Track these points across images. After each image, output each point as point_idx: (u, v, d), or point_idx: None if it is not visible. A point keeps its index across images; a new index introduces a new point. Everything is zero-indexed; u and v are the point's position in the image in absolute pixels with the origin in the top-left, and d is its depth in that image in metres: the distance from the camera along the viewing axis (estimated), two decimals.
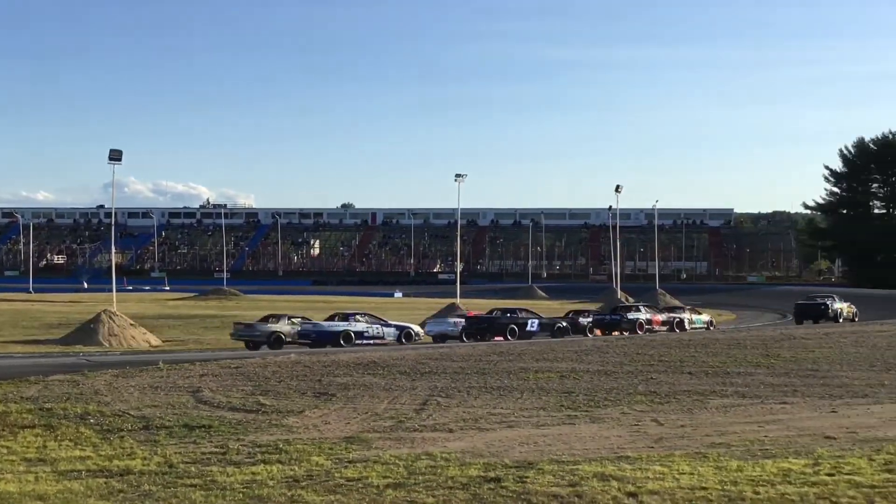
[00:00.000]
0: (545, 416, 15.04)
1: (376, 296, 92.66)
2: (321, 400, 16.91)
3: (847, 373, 20.61)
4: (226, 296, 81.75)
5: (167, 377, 20.23)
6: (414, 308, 63.39)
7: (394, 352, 28.09)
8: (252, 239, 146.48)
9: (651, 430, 13.64)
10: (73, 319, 43.51)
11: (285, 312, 38.93)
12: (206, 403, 16.45)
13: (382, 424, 14.32)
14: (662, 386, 18.54)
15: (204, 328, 43.43)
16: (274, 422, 14.58)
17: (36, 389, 18.08)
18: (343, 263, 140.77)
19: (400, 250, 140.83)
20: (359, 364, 22.91)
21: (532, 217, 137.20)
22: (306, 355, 26.36)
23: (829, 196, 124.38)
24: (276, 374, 20.90)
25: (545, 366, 22.37)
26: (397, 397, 17.25)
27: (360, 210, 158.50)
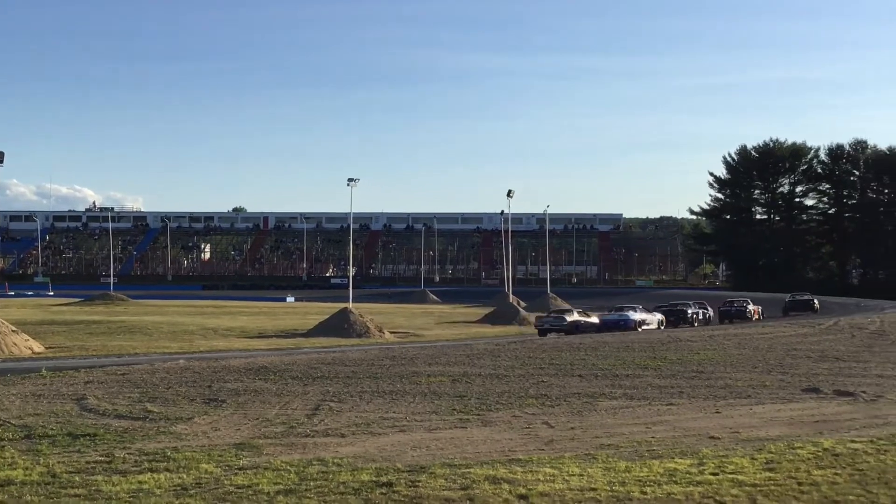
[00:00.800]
0: (437, 420, 15.06)
1: (268, 300, 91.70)
2: (211, 406, 16.64)
3: (730, 374, 21.17)
4: (113, 301, 79.80)
5: (50, 385, 19.66)
6: (306, 313, 62.92)
7: (285, 356, 27.81)
8: (140, 243, 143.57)
9: (542, 433, 13.78)
10: None
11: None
12: (91, 411, 16.03)
13: (273, 430, 14.16)
14: (553, 389, 18.76)
15: (89, 334, 42.25)
16: (162, 429, 14.29)
17: None
18: (234, 268, 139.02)
19: (292, 255, 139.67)
20: (249, 369, 22.62)
21: (425, 221, 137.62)
22: (196, 361, 25.91)
23: (714, 202, 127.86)
24: (164, 380, 20.49)
25: (438, 370, 22.42)
26: (289, 402, 17.08)
27: (251, 214, 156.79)
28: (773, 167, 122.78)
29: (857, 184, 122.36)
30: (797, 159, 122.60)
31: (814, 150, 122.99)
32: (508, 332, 47.92)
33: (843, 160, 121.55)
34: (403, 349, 31.25)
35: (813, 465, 11.24)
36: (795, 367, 22.63)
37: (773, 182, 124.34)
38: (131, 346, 35.71)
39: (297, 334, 44.03)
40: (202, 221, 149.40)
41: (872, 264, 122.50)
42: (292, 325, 49.46)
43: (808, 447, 12.31)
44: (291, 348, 34.48)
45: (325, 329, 43.96)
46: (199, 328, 46.51)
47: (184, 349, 33.98)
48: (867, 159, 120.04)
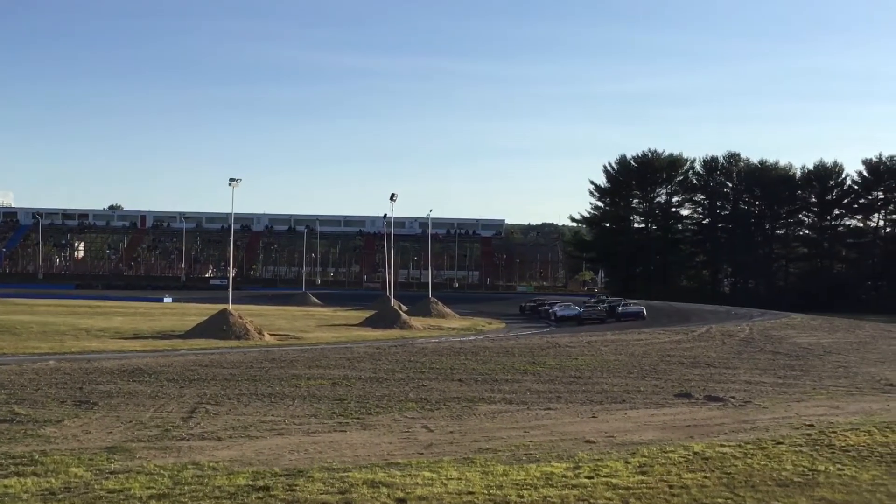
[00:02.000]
0: (316, 424, 14.96)
1: (145, 301, 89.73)
2: (82, 408, 16.20)
3: (607, 379, 21.58)
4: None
5: None
6: (184, 314, 61.74)
7: (161, 358, 27.25)
8: (10, 239, 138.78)
9: (421, 437, 13.81)
10: None
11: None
12: None
13: (147, 433, 13.85)
14: (433, 393, 18.82)
15: None
16: (29, 432, 13.85)
17: None
18: (110, 267, 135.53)
19: (171, 254, 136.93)
20: (123, 371, 22.10)
21: (307, 224, 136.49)
22: (67, 362, 25.19)
23: (594, 210, 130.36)
24: (33, 381, 19.86)
25: (317, 373, 22.28)
26: (164, 405, 16.74)
27: (129, 212, 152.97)
28: (651, 177, 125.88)
29: (730, 195, 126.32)
30: (674, 170, 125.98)
31: (690, 161, 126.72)
32: (389, 336, 47.89)
33: (718, 172, 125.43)
34: (283, 352, 30.95)
35: (684, 469, 11.54)
36: (669, 372, 23.20)
37: (651, 192, 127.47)
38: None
39: (174, 336, 43.15)
40: (76, 219, 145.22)
41: (743, 273, 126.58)
42: (169, 327, 48.46)
43: (679, 451, 12.62)
44: (168, 350, 33.80)
45: (203, 331, 43.19)
46: (70, 328, 45.17)
47: (54, 350, 32.97)
48: (740, 171, 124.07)
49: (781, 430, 14.59)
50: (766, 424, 15.14)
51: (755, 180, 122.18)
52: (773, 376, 22.66)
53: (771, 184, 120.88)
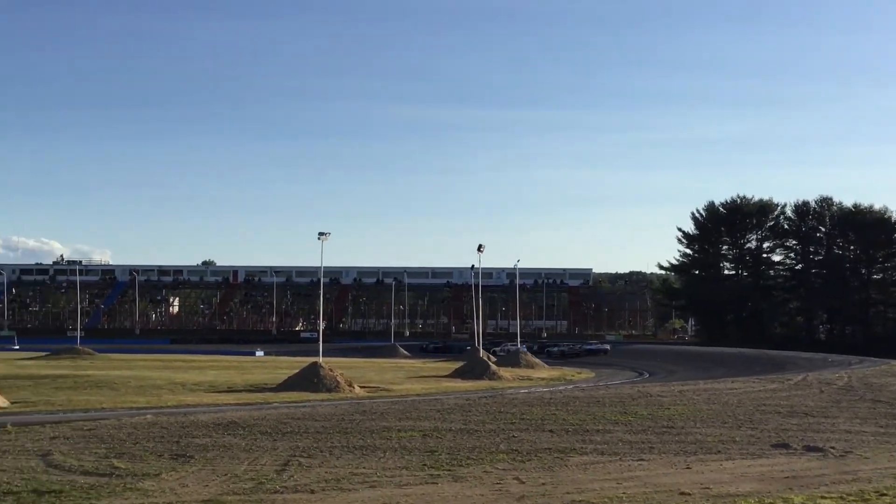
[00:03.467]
0: (408, 476, 14.99)
1: (237, 354, 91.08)
2: (178, 462, 16.48)
3: (701, 429, 21.22)
4: (79, 355, 78.90)
5: (15, 440, 19.41)
6: (275, 367, 62.49)
7: (255, 411, 27.60)
8: (108, 296, 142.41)
9: (513, 489, 13.74)
10: None
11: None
12: (56, 467, 15.83)
13: (242, 486, 14.03)
14: (524, 444, 18.72)
15: (56, 388, 41.69)
16: (129, 485, 14.13)
17: None
18: (203, 321, 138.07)
19: (262, 308, 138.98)
20: (218, 424, 22.43)
21: (395, 276, 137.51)
22: (164, 416, 25.67)
23: (683, 257, 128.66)
24: (131, 435, 20.28)
25: (408, 425, 22.33)
26: (258, 458, 16.94)
27: (221, 267, 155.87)
28: (740, 223, 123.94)
29: (823, 240, 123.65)
30: (764, 215, 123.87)
31: (780, 206, 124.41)
32: (479, 386, 47.79)
33: (810, 216, 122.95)
34: (373, 404, 31.09)
35: None
36: (765, 422, 22.71)
37: (741, 238, 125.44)
38: (98, 400, 35.25)
39: (266, 389, 43.68)
40: (171, 275, 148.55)
41: (839, 320, 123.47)
42: (262, 380, 49.06)
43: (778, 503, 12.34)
44: (261, 403, 34.20)
45: (294, 383, 43.62)
46: (167, 382, 46.03)
47: (151, 404, 33.62)
48: (833, 215, 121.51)
49: (885, 481, 14.17)
50: (868, 475, 14.72)
51: (849, 224, 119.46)
52: (874, 425, 22.04)
53: (866, 227, 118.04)
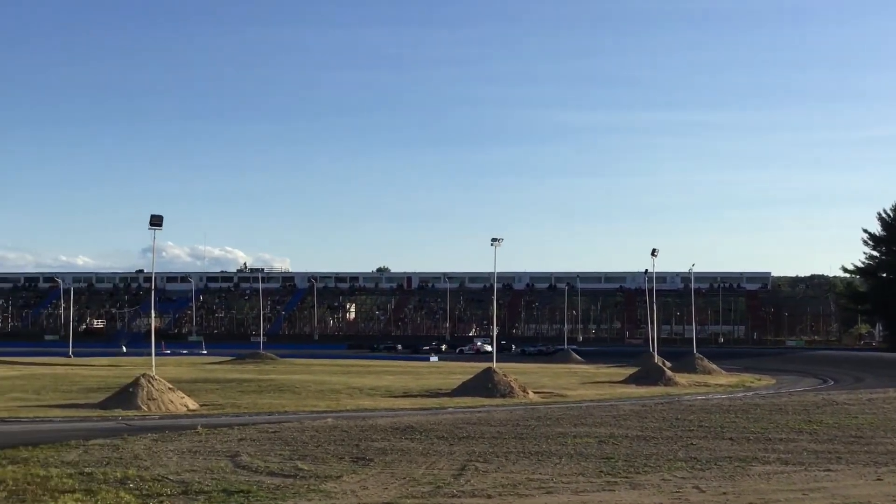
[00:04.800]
0: (584, 482, 14.89)
1: (412, 359, 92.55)
2: (359, 465, 16.87)
3: (892, 439, 20.30)
4: (262, 360, 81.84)
5: (205, 442, 20.28)
6: (450, 372, 63.21)
7: (431, 416, 27.99)
8: (288, 303, 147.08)
9: (692, 498, 13.47)
10: (112, 383, 43.69)
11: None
12: (244, 468, 16.45)
13: (420, 490, 14.24)
14: (703, 452, 18.33)
15: (241, 392, 43.37)
16: (312, 487, 14.54)
17: (76, 454, 18.18)
18: (379, 327, 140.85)
19: (435, 314, 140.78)
20: (396, 428, 22.86)
21: (567, 281, 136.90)
22: (343, 419, 26.33)
23: (868, 259, 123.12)
24: (313, 438, 20.89)
25: (583, 430, 22.20)
26: (435, 462, 17.17)
27: (395, 274, 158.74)
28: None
29: None
30: None
31: None
32: (654, 392, 47.07)
33: None
34: (548, 409, 31.06)
35: None
36: None
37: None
38: (281, 404, 36.47)
39: (441, 394, 44.24)
40: (347, 281, 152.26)
41: None
42: (436, 385, 49.72)
43: None
44: (436, 408, 34.64)
45: (469, 389, 44.04)
46: (345, 387, 47.24)
47: (331, 408, 34.54)
48: None
49: None
50: None
51: None
52: None
53: None
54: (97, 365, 73.77)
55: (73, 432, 23.01)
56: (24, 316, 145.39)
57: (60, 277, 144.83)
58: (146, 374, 36.42)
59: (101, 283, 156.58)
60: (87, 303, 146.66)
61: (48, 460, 17.18)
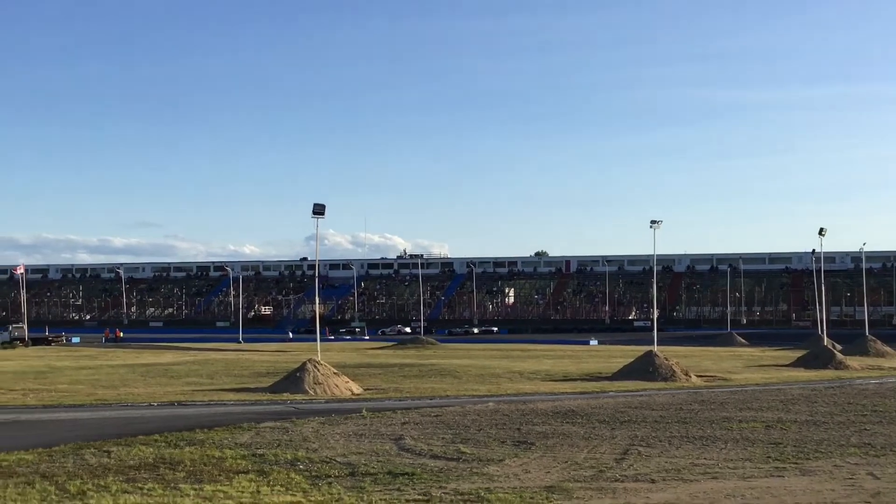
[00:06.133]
0: (751, 468, 14.57)
1: (572, 343, 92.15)
2: (520, 448, 16.95)
3: None
4: (423, 345, 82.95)
5: (370, 425, 20.73)
6: (610, 356, 62.65)
7: (591, 400, 27.86)
8: (447, 288, 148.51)
9: (867, 485, 13.01)
10: (280, 368, 45.09)
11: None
12: (408, 451, 16.75)
13: (583, 474, 14.21)
14: (878, 437, 17.67)
15: (403, 377, 44.07)
16: (474, 470, 14.69)
17: (249, 436, 18.88)
18: (537, 311, 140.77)
19: (594, 298, 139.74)
20: (557, 412, 22.86)
21: (730, 262, 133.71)
22: (504, 403, 26.47)
23: None
24: (475, 422, 21.09)
25: (749, 415, 21.71)
26: (597, 446, 17.09)
27: (554, 258, 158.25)
28: None
29: None
30: None
31: None
32: (823, 376, 45.51)
33: None
34: (712, 394, 30.46)
35: None
36: None
37: None
38: (442, 388, 36.87)
39: (601, 378, 43.91)
40: (506, 266, 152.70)
41: None
42: (596, 369, 49.38)
43: None
44: (597, 392, 34.41)
45: (629, 372, 43.55)
46: (505, 371, 47.42)
47: (492, 392, 34.72)
48: None
49: None
50: None
51: None
52: None
53: None
54: (265, 350, 76.27)
55: (244, 415, 23.89)
56: (197, 303, 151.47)
57: (230, 266, 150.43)
58: (312, 359, 37.40)
59: (268, 270, 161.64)
60: (255, 290, 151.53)
61: (223, 442, 17.90)
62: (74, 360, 60.47)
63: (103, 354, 68.50)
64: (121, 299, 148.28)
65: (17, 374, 45.44)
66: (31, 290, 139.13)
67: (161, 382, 40.32)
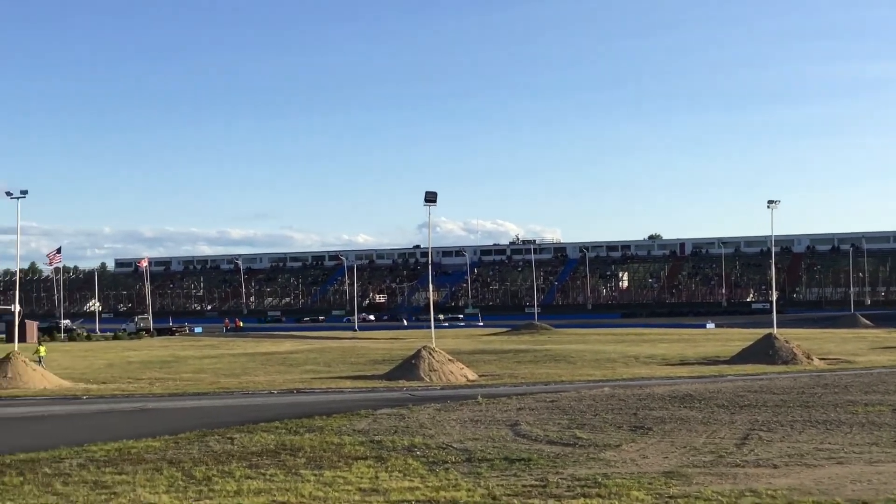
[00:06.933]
0: (878, 453, 14.16)
1: (688, 327, 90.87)
2: (637, 433, 16.79)
3: None
4: (537, 330, 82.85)
5: (486, 411, 20.80)
6: (727, 339, 61.59)
7: (709, 384, 27.44)
8: (560, 273, 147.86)
9: None
10: (395, 355, 45.59)
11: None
12: (524, 437, 16.76)
13: (702, 459, 14.01)
14: None
15: (517, 362, 44.11)
16: (591, 455, 14.62)
17: (366, 423, 19.14)
18: (652, 295, 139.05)
19: (710, 280, 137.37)
20: (674, 397, 22.58)
21: (852, 242, 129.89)
22: (620, 388, 26.27)
23: None
24: (591, 407, 20.99)
25: (875, 399, 21.10)
26: (716, 431, 16.83)
27: (668, 241, 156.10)
28: None
29: None
30: None
31: None
32: None
33: None
34: (835, 377, 29.70)
35: None
36: None
37: None
38: (557, 373, 36.79)
39: (719, 361, 43.23)
40: (619, 250, 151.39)
41: None
42: (713, 352, 48.61)
43: None
44: (714, 375, 33.87)
45: (748, 356, 42.77)
46: (620, 356, 47.05)
47: (606, 376, 34.52)
48: None
49: None
50: None
51: None
52: None
53: None
54: (380, 338, 77.20)
55: (361, 402, 24.24)
56: (313, 292, 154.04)
57: (344, 255, 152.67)
58: (427, 346, 37.72)
59: (382, 259, 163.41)
60: (369, 278, 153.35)
61: (341, 429, 18.19)
62: (197, 349, 62.23)
63: (224, 344, 70.32)
64: (240, 289, 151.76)
65: (144, 364, 47.00)
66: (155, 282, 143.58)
67: (280, 370, 41.20)
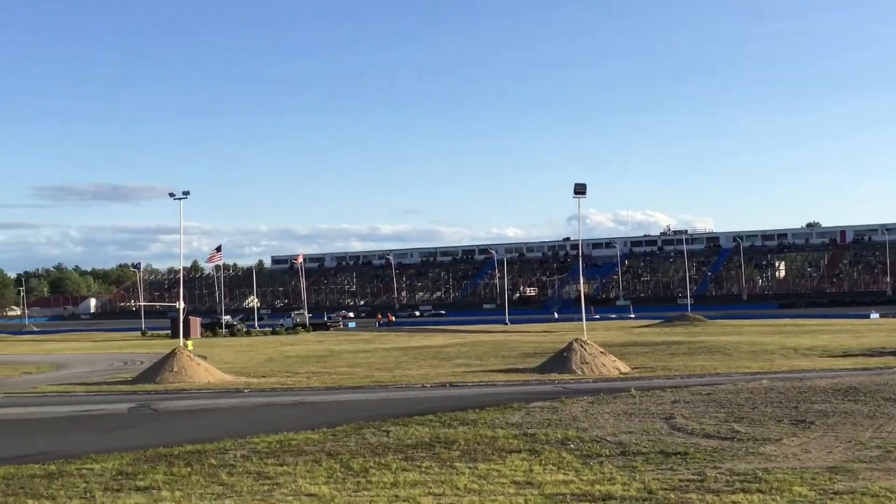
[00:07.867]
0: None
1: (849, 317, 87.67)
2: (798, 427, 16.31)
3: None
4: (690, 322, 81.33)
5: (639, 404, 20.55)
6: (893, 330, 59.15)
7: (875, 376, 26.40)
8: (714, 264, 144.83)
9: None
10: (547, 348, 45.43)
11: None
12: (679, 430, 16.48)
13: (868, 454, 13.51)
14: None
15: (671, 355, 43.35)
16: (750, 449, 14.27)
17: (519, 416, 19.17)
18: (811, 284, 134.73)
19: (874, 269, 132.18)
20: (837, 390, 21.83)
21: None
22: (779, 381, 25.55)
23: None
24: (749, 400, 20.48)
25: None
26: (883, 425, 16.20)
27: (827, 229, 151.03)
28: None
29: None
30: None
31: None
32: None
33: None
34: None
35: None
36: None
37: None
38: (712, 365, 36.00)
39: (885, 353, 41.48)
40: (775, 239, 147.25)
41: None
42: (879, 343, 46.68)
43: None
44: (881, 367, 32.53)
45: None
46: (778, 347, 45.72)
47: (764, 369, 33.57)
48: None
49: None
50: None
51: None
52: None
53: None
54: (531, 331, 77.15)
55: (514, 395, 24.27)
56: (463, 286, 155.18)
57: (494, 249, 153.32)
58: (578, 338, 37.46)
59: (531, 252, 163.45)
60: (519, 271, 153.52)
61: (494, 422, 18.26)
62: (351, 343, 63.54)
63: (377, 338, 71.57)
64: (391, 284, 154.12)
65: (301, 358, 48.25)
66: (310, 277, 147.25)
67: (432, 364, 41.63)
